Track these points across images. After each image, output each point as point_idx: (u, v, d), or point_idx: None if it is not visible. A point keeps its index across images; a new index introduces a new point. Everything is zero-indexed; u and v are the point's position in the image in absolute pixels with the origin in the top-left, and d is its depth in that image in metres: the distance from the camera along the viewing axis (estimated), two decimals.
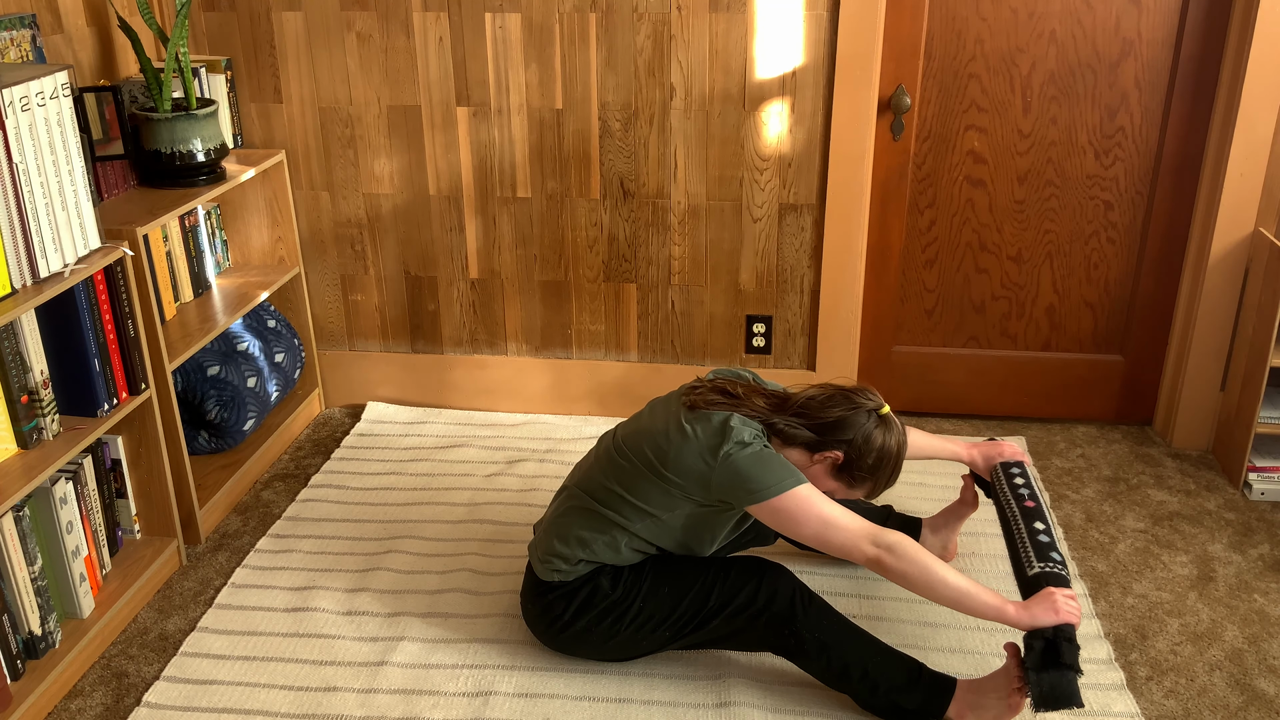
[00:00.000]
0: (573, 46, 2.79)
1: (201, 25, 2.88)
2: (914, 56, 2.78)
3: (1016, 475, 2.15)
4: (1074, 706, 1.75)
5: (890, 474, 1.99)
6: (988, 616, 1.82)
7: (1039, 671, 1.77)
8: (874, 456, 1.94)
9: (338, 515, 2.68)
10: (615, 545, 2.00)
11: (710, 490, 1.91)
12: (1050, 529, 2.00)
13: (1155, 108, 2.77)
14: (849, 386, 2.01)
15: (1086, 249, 2.93)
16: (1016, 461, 2.20)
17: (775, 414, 1.98)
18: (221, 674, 2.13)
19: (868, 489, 2.00)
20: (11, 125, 1.90)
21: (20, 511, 2.00)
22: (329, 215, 3.06)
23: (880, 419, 1.96)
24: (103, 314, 2.18)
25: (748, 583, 1.98)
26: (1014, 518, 2.05)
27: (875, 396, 1.99)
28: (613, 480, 2.00)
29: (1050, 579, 1.87)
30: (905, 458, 2.05)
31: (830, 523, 1.85)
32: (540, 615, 2.08)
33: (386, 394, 3.24)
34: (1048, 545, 1.95)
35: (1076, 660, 1.76)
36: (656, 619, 2.01)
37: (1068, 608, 1.80)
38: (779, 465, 1.88)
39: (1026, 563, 1.94)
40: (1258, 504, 2.71)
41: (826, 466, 1.97)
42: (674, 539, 2.01)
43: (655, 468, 1.95)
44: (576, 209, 2.96)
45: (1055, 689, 1.75)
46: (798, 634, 1.95)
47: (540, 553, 2.07)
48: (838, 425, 1.95)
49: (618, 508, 1.99)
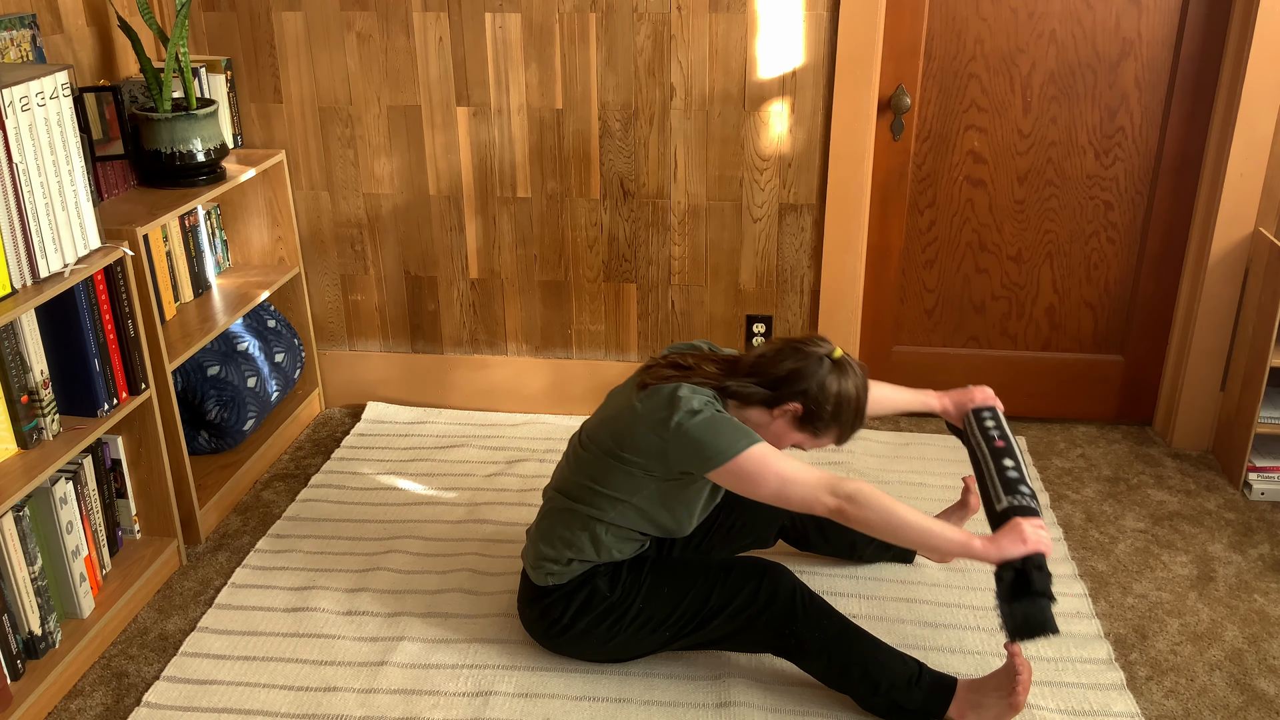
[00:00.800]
0: (573, 46, 2.79)
1: (201, 25, 2.88)
2: (914, 56, 2.78)
3: (987, 418, 2.11)
4: (1049, 633, 1.71)
5: (854, 418, 1.96)
6: (954, 553, 1.80)
7: (1010, 602, 1.73)
8: (832, 402, 1.92)
9: (338, 515, 2.68)
10: (597, 539, 2.00)
11: (668, 462, 1.90)
12: (1020, 465, 1.96)
13: (1155, 108, 2.77)
14: (798, 338, 1.99)
15: (1086, 249, 2.93)
16: (988, 406, 2.16)
17: (728, 377, 1.97)
18: (221, 674, 2.13)
19: (834, 435, 1.97)
20: (11, 125, 1.90)
21: (20, 511, 2.00)
22: (329, 215, 3.06)
23: (833, 364, 1.93)
24: (103, 314, 2.18)
25: (748, 582, 1.98)
26: (984, 458, 2.01)
27: (825, 342, 1.96)
28: (581, 475, 2.01)
29: (1018, 511, 1.83)
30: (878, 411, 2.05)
31: (788, 478, 1.82)
32: (538, 619, 2.08)
33: (386, 394, 3.24)
34: (1016, 480, 1.91)
35: (1048, 587, 1.73)
36: (657, 619, 2.01)
37: (1035, 536, 1.77)
38: (731, 428, 1.86)
39: (995, 499, 1.90)
40: (1258, 504, 2.71)
41: (788, 420, 1.95)
42: (651, 521, 2.00)
43: (614, 452, 1.95)
44: (576, 209, 2.96)
45: (1029, 618, 1.71)
46: (798, 634, 1.95)
47: (531, 559, 2.08)
48: (791, 377, 1.93)
49: (590, 500, 1.99)
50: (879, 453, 2.94)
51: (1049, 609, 1.72)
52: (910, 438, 3.02)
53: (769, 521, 2.31)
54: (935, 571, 2.40)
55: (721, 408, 1.92)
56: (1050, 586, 1.74)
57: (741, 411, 1.96)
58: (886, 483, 2.76)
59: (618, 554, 2.03)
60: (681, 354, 2.04)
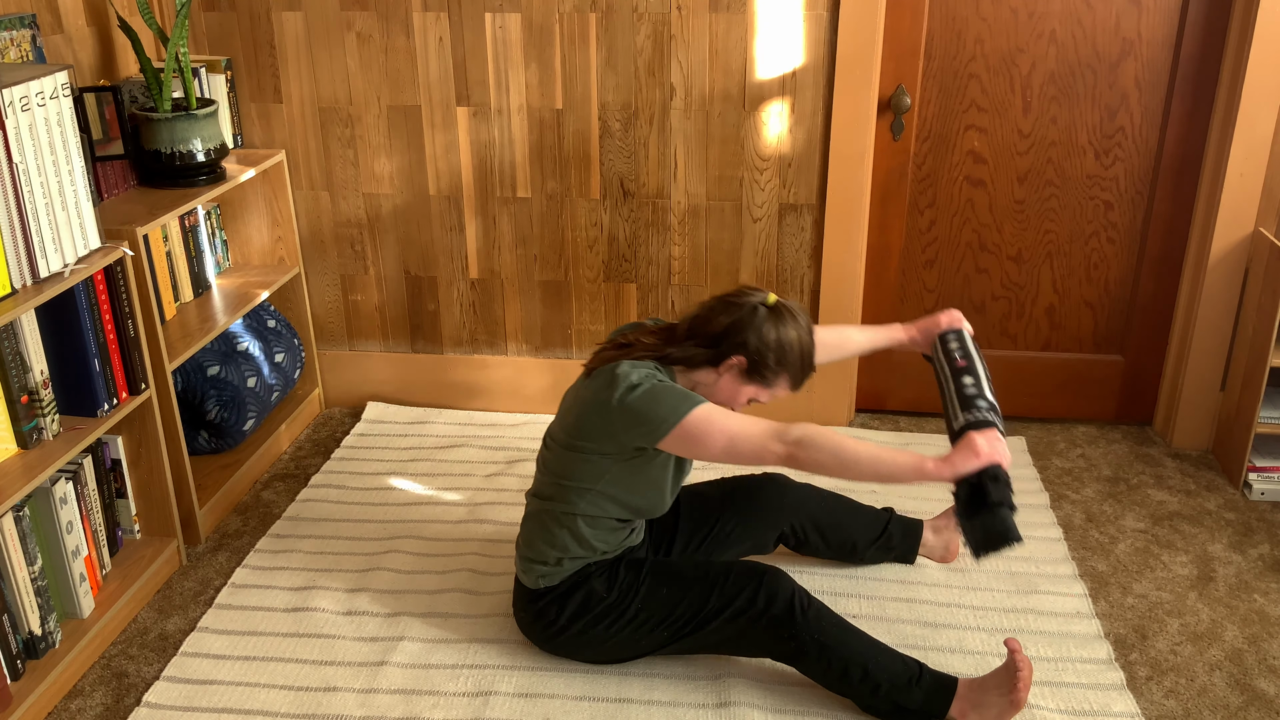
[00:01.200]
0: (573, 46, 2.79)
1: (201, 25, 2.88)
2: (914, 56, 2.78)
3: (951, 340, 2.04)
4: (1012, 542, 1.65)
5: (802, 362, 1.94)
6: (908, 478, 1.74)
7: (970, 519, 1.67)
8: (774, 349, 1.90)
9: (338, 515, 2.68)
10: (578, 534, 2.00)
11: (619, 441, 1.90)
12: (979, 381, 1.89)
13: (1155, 108, 2.77)
14: (729, 291, 1.98)
15: (1086, 249, 2.93)
16: (954, 329, 2.09)
17: (668, 345, 1.96)
18: (221, 674, 2.13)
19: (786, 383, 1.95)
20: (11, 125, 1.90)
21: (20, 511, 2.00)
22: (329, 215, 3.06)
23: (769, 311, 1.92)
24: (103, 314, 2.18)
25: (747, 585, 1.98)
26: (945, 380, 1.95)
27: (757, 291, 1.95)
28: (549, 474, 2.03)
29: (974, 426, 1.77)
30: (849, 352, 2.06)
31: (736, 434, 1.80)
32: (534, 622, 2.08)
33: (386, 394, 3.24)
34: (973, 396, 1.84)
35: (1006, 496, 1.66)
36: (655, 620, 2.01)
37: (989, 448, 1.72)
38: (672, 395, 1.85)
39: (954, 418, 1.84)
40: (1258, 504, 2.71)
41: (735, 375, 1.93)
42: (623, 505, 2.00)
43: (569, 443, 1.96)
44: (576, 209, 2.96)
45: (989, 530, 1.66)
46: (797, 636, 1.95)
47: (521, 564, 2.09)
48: (728, 331, 1.91)
49: (562, 497, 2.00)
50: None
51: (1009, 518, 1.65)
52: (910, 438, 3.02)
53: (768, 527, 2.30)
54: (935, 571, 2.40)
55: (665, 377, 1.92)
56: (1009, 496, 1.66)
57: (689, 376, 1.96)
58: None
59: (603, 545, 2.03)
60: (624, 333, 2.04)
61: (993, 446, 1.73)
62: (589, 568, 2.03)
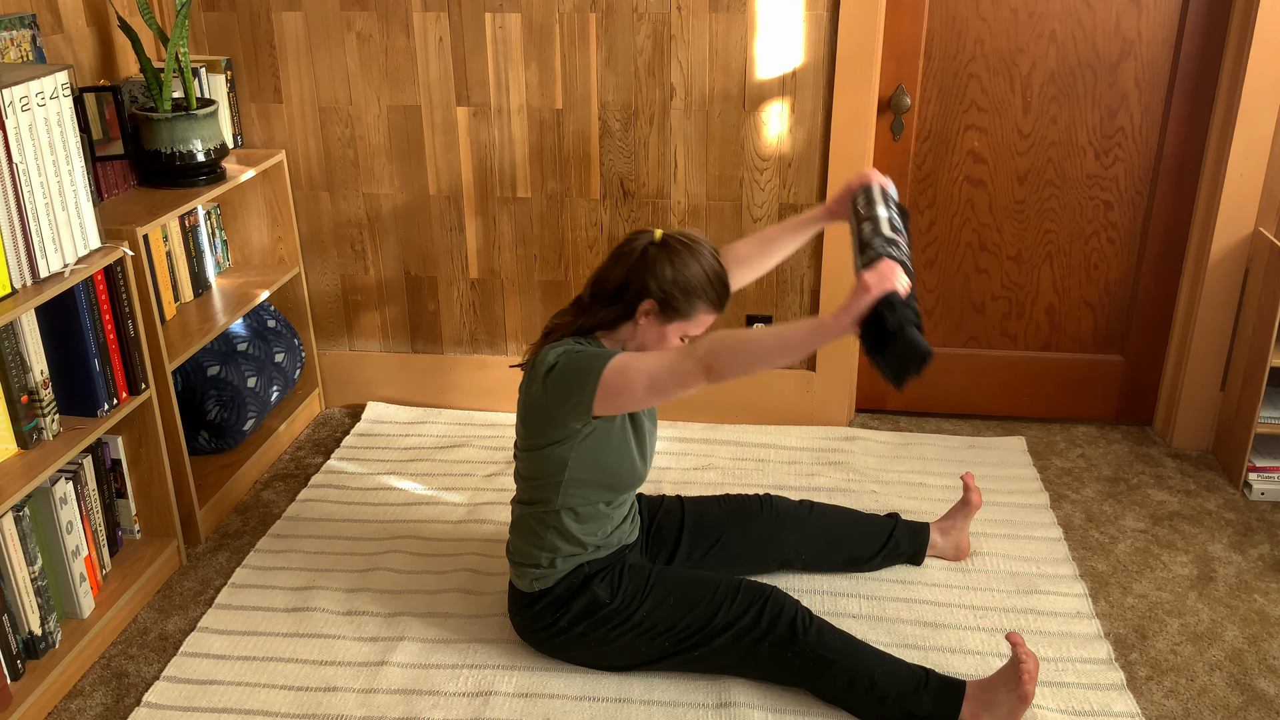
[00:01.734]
0: (573, 46, 2.79)
1: (201, 25, 2.88)
2: (914, 56, 2.78)
3: (859, 198, 1.94)
4: (926, 357, 1.58)
5: (712, 285, 1.90)
6: (813, 341, 1.69)
7: (879, 354, 1.61)
8: (679, 284, 1.88)
9: (338, 515, 2.68)
10: (564, 530, 2.01)
11: (560, 423, 1.91)
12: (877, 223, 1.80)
13: (1155, 108, 2.77)
14: (619, 243, 1.97)
15: (1086, 249, 2.93)
16: (864, 184, 1.97)
17: (580, 316, 1.97)
18: (221, 674, 2.13)
19: (705, 309, 1.92)
20: (11, 125, 1.90)
21: (20, 511, 2.00)
22: (329, 215, 3.06)
23: (658, 247, 1.89)
24: (103, 314, 2.18)
25: (752, 604, 1.98)
26: (854, 235, 1.87)
27: (644, 233, 1.93)
28: (521, 479, 2.06)
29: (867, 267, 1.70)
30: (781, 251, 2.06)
31: (652, 371, 1.78)
32: (530, 624, 2.09)
33: (386, 394, 3.24)
34: (869, 237, 1.77)
35: (907, 316, 1.59)
36: (659, 628, 2.01)
37: (879, 280, 1.63)
38: (582, 358, 1.85)
39: (855, 269, 1.77)
40: (1258, 504, 2.71)
41: (652, 319, 1.92)
42: (597, 485, 1.99)
43: (526, 443, 2.00)
44: (576, 209, 2.96)
45: (900, 355, 1.59)
46: (801, 654, 1.95)
47: (514, 569, 2.10)
48: (627, 282, 1.90)
49: (538, 497, 2.01)
50: (879, 453, 2.93)
51: (915, 335, 1.58)
52: (910, 438, 3.02)
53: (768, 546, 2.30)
54: (935, 572, 2.40)
55: (585, 347, 1.91)
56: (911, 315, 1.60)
57: (612, 337, 1.97)
58: (887, 483, 2.76)
59: (592, 539, 2.03)
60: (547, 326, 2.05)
61: (882, 277, 1.64)
62: (584, 568, 2.03)
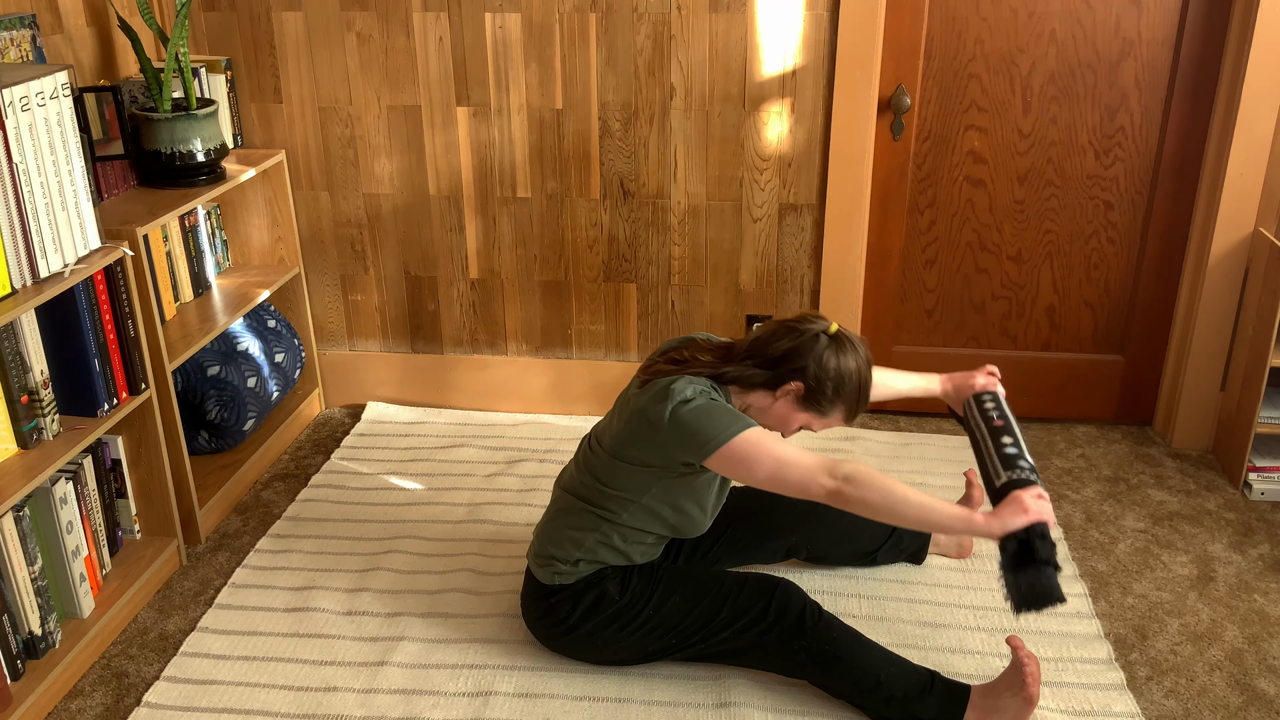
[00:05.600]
0: (573, 46, 2.79)
1: (201, 25, 2.88)
2: (914, 56, 2.78)
3: (987, 401, 2.09)
4: (1056, 603, 1.69)
5: (858, 393, 1.94)
6: (956, 530, 1.77)
7: (1015, 572, 1.71)
8: (834, 378, 1.90)
9: (338, 515, 2.68)
10: (608, 540, 2.00)
11: (667, 455, 1.89)
12: (1019, 441, 1.93)
13: (1155, 108, 2.77)
14: (792, 316, 1.98)
15: (1086, 249, 2.93)
16: (989, 391, 2.13)
17: (724, 364, 1.96)
18: (221, 674, 2.13)
19: (841, 413, 1.95)
20: (11, 125, 1.90)
21: (20, 511, 2.00)
22: (329, 215, 3.06)
23: (831, 339, 1.91)
24: (103, 314, 2.18)
25: (759, 598, 1.98)
26: (983, 439, 1.99)
27: (820, 319, 1.95)
28: (589, 475, 2.01)
29: (1017, 485, 1.81)
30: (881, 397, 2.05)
31: (784, 461, 1.80)
32: (542, 618, 2.08)
33: (386, 394, 3.24)
34: (1014, 455, 1.89)
35: (1053, 555, 1.70)
36: (665, 626, 2.01)
37: (1036, 506, 1.75)
38: (724, 414, 1.85)
39: (995, 475, 1.88)
40: (1258, 504, 2.71)
41: (791, 400, 1.93)
42: (662, 521, 1.99)
43: (617, 451, 1.95)
44: (576, 209, 2.96)
45: (1034, 586, 1.69)
46: (808, 648, 1.94)
47: (538, 557, 2.07)
48: (788, 356, 1.91)
49: (600, 501, 1.99)
50: (879, 453, 2.93)
51: (1055, 577, 1.70)
52: (910, 438, 3.02)
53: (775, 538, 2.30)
54: (935, 572, 2.40)
55: (719, 396, 1.91)
56: (1054, 555, 1.71)
57: (743, 397, 1.95)
58: None
59: (624, 558, 2.02)
60: (677, 348, 2.03)
61: (1038, 505, 1.75)
62: (604, 570, 2.03)
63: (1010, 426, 1.99)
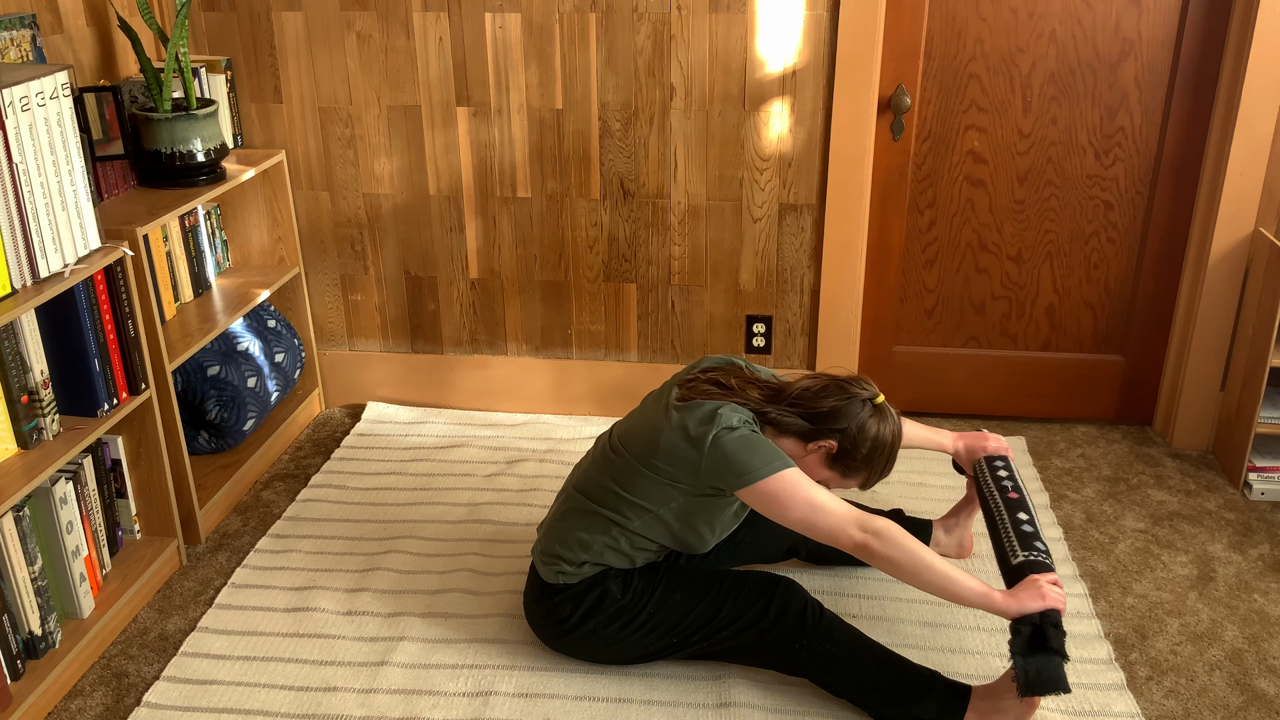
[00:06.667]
0: (573, 46, 2.79)
1: (201, 25, 2.88)
2: (914, 56, 2.78)
3: (1000, 468, 2.15)
4: (1062, 691, 1.75)
5: (885, 464, 1.98)
6: (974, 604, 1.82)
7: (1026, 656, 1.77)
8: (868, 446, 1.94)
9: (338, 515, 2.68)
10: (616, 544, 2.00)
11: (700, 476, 1.90)
12: (1033, 519, 2.00)
13: (1155, 108, 2.77)
14: (844, 376, 2.01)
15: (1086, 249, 2.93)
16: (1000, 455, 2.20)
17: (769, 404, 1.98)
18: (221, 674, 2.13)
19: (862, 479, 1.99)
20: (11, 125, 1.90)
21: (20, 511, 2.00)
22: (329, 215, 3.06)
23: (875, 408, 1.95)
24: (103, 314, 2.18)
25: (760, 597, 1.99)
26: (998, 509, 2.05)
27: (870, 386, 1.99)
28: (608, 478, 2.01)
29: (1034, 567, 1.87)
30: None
31: (818, 506, 1.84)
32: (545, 617, 2.08)
33: (386, 394, 3.24)
34: (1031, 535, 1.95)
35: (1063, 645, 1.77)
36: (666, 625, 2.01)
37: (1053, 594, 1.81)
38: (767, 449, 1.87)
39: (1011, 552, 1.94)
40: (1258, 504, 2.71)
41: (821, 456, 1.96)
42: (673, 535, 2.00)
43: (647, 459, 1.95)
44: (576, 209, 2.96)
45: (1043, 673, 1.76)
46: (810, 647, 1.95)
47: (543, 556, 2.07)
48: (832, 415, 1.94)
49: (615, 506, 1.99)
50: None
51: (1062, 667, 1.77)
52: None
53: (777, 537, 2.30)
54: None
55: (758, 430, 1.93)
56: (1065, 645, 1.78)
57: (776, 440, 1.97)
58: (887, 482, 2.76)
59: (629, 561, 2.03)
60: (724, 372, 2.04)
61: (1055, 593, 1.81)
62: (607, 570, 2.03)
63: (1025, 501, 2.05)
